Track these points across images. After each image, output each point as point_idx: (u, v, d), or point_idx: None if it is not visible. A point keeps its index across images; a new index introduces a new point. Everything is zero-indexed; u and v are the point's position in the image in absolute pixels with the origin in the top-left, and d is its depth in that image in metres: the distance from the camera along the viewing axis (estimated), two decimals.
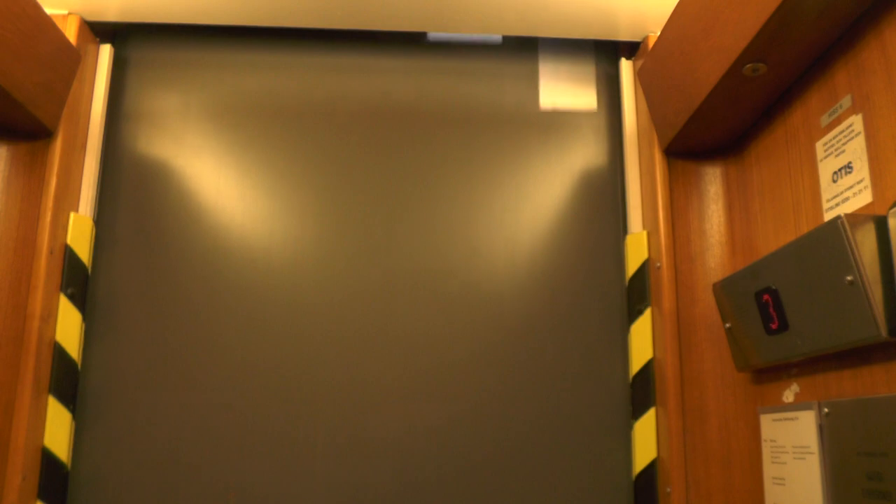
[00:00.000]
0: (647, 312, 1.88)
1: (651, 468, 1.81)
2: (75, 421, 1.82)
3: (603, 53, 2.14)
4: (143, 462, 1.81)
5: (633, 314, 1.92)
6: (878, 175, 1.28)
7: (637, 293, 1.92)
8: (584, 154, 2.08)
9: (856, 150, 1.34)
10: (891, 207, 1.18)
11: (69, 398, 1.80)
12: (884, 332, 1.16)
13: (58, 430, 1.75)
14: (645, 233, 1.93)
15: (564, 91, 2.12)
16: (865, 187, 1.31)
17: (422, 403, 1.88)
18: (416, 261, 1.97)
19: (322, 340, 1.90)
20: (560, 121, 2.09)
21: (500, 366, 1.92)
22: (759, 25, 1.35)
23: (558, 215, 2.02)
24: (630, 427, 1.89)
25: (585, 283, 1.98)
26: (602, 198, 2.05)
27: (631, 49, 2.10)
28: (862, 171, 1.32)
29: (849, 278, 1.20)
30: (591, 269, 1.99)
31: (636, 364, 1.88)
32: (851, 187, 1.35)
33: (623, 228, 2.02)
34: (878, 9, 1.30)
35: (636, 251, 1.94)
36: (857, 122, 1.35)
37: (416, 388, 1.89)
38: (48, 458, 1.73)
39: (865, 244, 1.19)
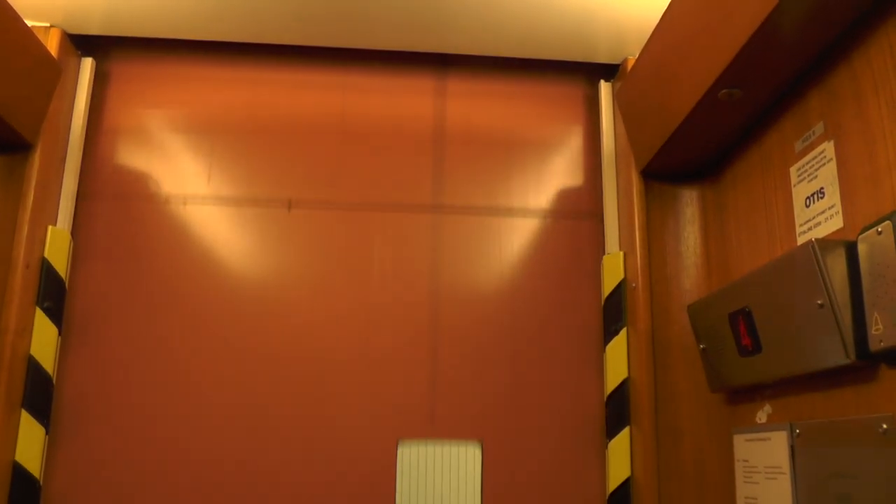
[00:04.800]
0: (623, 332, 1.89)
1: (625, 487, 1.82)
2: (49, 435, 1.80)
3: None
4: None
5: (609, 334, 1.93)
6: (848, 201, 1.31)
7: (613, 313, 1.94)
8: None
9: (827, 176, 1.37)
10: (860, 233, 1.20)
11: (43, 413, 1.78)
12: (852, 355, 1.18)
13: (30, 444, 1.73)
14: (621, 253, 1.95)
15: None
16: (837, 213, 1.33)
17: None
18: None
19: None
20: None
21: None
22: (735, 52, 1.37)
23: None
24: (604, 446, 1.90)
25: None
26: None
27: (610, 71, 2.12)
28: (833, 196, 1.34)
29: (819, 302, 1.22)
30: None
31: (611, 383, 1.89)
32: (823, 212, 1.37)
33: (600, 249, 2.04)
34: (848, 39, 1.33)
35: (612, 271, 1.95)
36: (828, 148, 1.37)
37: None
38: (19, 473, 1.71)
39: (836, 269, 1.21)
